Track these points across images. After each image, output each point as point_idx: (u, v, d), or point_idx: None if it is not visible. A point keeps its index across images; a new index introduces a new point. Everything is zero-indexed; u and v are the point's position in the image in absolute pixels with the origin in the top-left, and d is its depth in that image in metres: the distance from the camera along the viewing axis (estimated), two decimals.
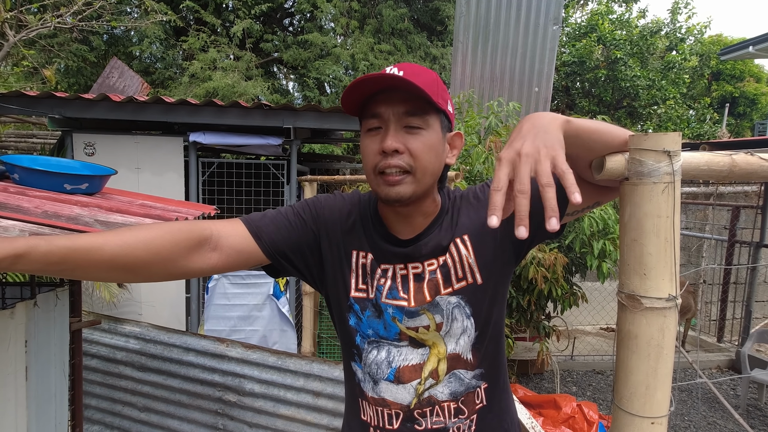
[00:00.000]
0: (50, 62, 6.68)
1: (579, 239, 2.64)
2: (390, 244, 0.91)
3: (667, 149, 0.79)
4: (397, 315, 0.91)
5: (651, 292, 0.83)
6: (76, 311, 1.67)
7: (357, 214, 0.95)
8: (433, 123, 0.84)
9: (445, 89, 0.88)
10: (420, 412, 0.92)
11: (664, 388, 0.86)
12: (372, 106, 0.83)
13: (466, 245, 0.91)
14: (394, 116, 0.82)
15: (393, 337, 0.92)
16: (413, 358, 0.91)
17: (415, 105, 0.82)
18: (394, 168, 0.81)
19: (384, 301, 0.91)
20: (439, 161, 0.86)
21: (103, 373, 2.83)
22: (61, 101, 3.21)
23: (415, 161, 0.82)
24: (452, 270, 0.91)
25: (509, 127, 3.12)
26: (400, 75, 0.78)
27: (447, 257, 0.91)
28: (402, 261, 0.91)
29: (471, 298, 0.91)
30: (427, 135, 0.83)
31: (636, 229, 0.83)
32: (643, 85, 10.40)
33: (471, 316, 0.92)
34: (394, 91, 0.81)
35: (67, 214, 1.20)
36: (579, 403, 2.80)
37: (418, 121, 0.82)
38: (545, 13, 4.11)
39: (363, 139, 0.86)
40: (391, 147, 0.80)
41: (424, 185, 0.85)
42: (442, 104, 0.84)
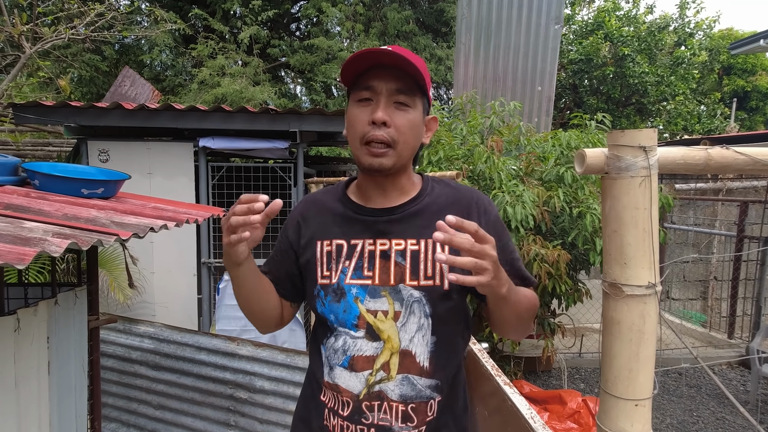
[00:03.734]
0: (64, 72, 6.86)
1: (582, 236, 2.67)
2: (361, 214, 0.96)
3: (643, 144, 0.83)
4: (360, 294, 0.93)
5: (631, 280, 0.87)
6: (93, 310, 1.75)
7: (319, 205, 1.02)
8: (418, 104, 0.92)
9: (429, 76, 0.95)
10: (368, 405, 0.94)
11: (646, 371, 0.90)
12: (366, 78, 0.89)
13: (444, 250, 0.93)
14: (387, 91, 0.88)
15: (350, 324, 0.94)
16: (367, 350, 0.94)
17: (407, 84, 0.89)
18: (380, 141, 0.88)
19: (348, 282, 0.94)
20: (418, 139, 0.94)
21: (119, 372, 2.92)
22: (75, 110, 3.32)
23: (399, 136, 0.89)
24: (422, 263, 0.93)
25: (510, 126, 3.16)
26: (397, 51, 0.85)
27: (419, 246, 0.94)
28: (371, 236, 0.94)
29: (434, 299, 0.93)
30: (413, 113, 0.91)
31: (616, 220, 0.87)
32: (651, 81, 10.32)
33: (430, 316, 0.93)
34: (388, 69, 0.88)
35: (85, 216, 1.28)
36: (584, 398, 2.82)
37: (407, 99, 0.89)
38: (546, 13, 4.14)
39: (352, 109, 0.92)
40: (381, 118, 0.87)
41: (403, 159, 0.93)
42: (427, 88, 0.92)
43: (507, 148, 3.09)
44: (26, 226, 1.00)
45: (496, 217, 1.00)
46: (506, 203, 2.55)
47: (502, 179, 2.68)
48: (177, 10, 7.92)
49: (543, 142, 3.08)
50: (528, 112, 4.25)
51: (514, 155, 3.07)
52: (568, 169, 2.72)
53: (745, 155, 0.88)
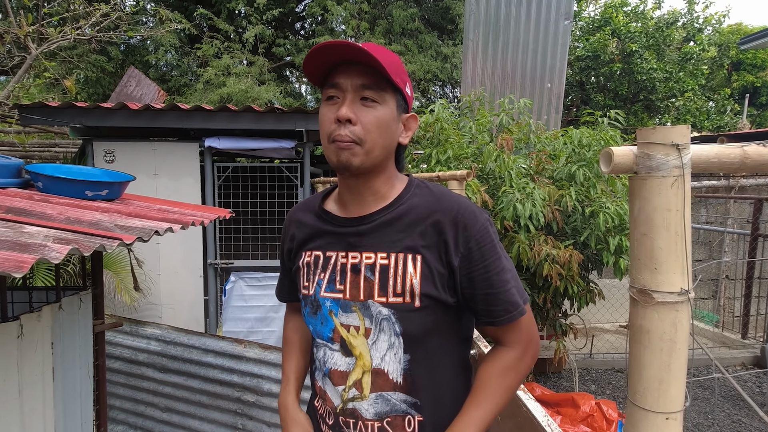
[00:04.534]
0: (70, 73, 6.87)
1: (594, 235, 2.61)
2: (334, 225, 0.93)
3: (676, 142, 0.78)
4: (334, 308, 0.92)
5: (662, 286, 0.82)
6: (99, 314, 1.72)
7: (299, 223, 1.00)
8: (389, 100, 0.86)
9: (406, 73, 0.91)
10: (344, 420, 0.93)
11: (678, 382, 0.85)
12: (332, 76, 0.86)
13: (415, 265, 0.86)
14: (352, 87, 0.84)
15: (327, 337, 0.94)
16: (341, 365, 0.93)
17: (372, 79, 0.84)
18: (344, 137, 0.84)
19: (322, 295, 0.92)
20: (390, 138, 0.88)
21: (126, 374, 2.90)
22: (81, 111, 3.30)
23: (365, 133, 0.84)
24: (392, 279, 0.87)
25: (520, 124, 3.11)
26: (360, 45, 0.81)
27: (389, 261, 0.87)
28: (344, 248, 0.92)
29: (403, 317, 0.86)
30: (381, 110, 0.85)
31: (646, 223, 0.82)
32: (660, 77, 10.19)
33: (400, 334, 0.87)
34: (355, 64, 0.84)
35: (88, 219, 1.24)
36: (598, 402, 2.77)
37: (374, 94, 0.84)
38: (556, 8, 4.07)
39: (321, 108, 0.89)
40: (345, 116, 0.83)
41: (373, 158, 0.86)
42: (399, 83, 0.86)
43: (517, 146, 3.03)
44: (27, 231, 0.97)
45: (482, 234, 0.86)
46: (516, 200, 2.50)
47: (512, 178, 2.62)
48: (182, 10, 7.90)
49: (553, 140, 3.02)
50: (537, 109, 4.18)
51: (524, 153, 3.01)
52: (580, 167, 2.66)
53: None
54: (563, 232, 2.78)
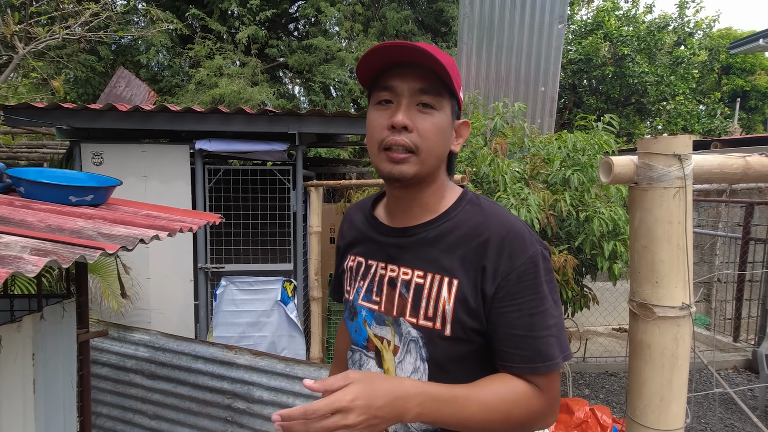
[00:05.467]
0: (59, 73, 6.76)
1: (589, 240, 2.60)
2: (378, 233, 0.90)
3: (678, 153, 0.76)
4: (368, 318, 0.89)
5: (664, 300, 0.80)
6: (83, 322, 1.67)
7: (351, 223, 0.98)
8: (446, 106, 0.81)
9: (460, 77, 0.85)
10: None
11: (679, 399, 0.83)
12: (385, 78, 0.80)
13: (450, 290, 0.79)
14: (409, 91, 0.78)
15: (362, 345, 0.92)
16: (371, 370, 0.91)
17: (432, 83, 0.78)
18: (400, 146, 0.78)
19: (360, 303, 0.91)
20: (445, 145, 0.83)
21: (113, 381, 2.84)
22: (68, 112, 3.23)
23: (422, 141, 0.78)
24: (425, 300, 0.81)
25: (515, 127, 3.09)
26: (421, 46, 0.75)
27: (425, 281, 0.82)
28: (384, 259, 0.88)
29: (431, 343, 0.81)
30: (438, 116, 0.80)
31: (647, 235, 0.80)
32: (651, 81, 10.27)
33: (426, 360, 0.82)
34: (411, 67, 0.78)
35: (70, 227, 1.20)
36: (592, 407, 2.75)
37: (432, 100, 0.79)
38: (550, 12, 4.07)
39: (371, 112, 0.83)
40: (402, 122, 0.77)
41: (427, 167, 0.81)
42: (456, 88, 0.81)
43: (511, 150, 3.01)
44: (2, 241, 0.92)
45: (527, 267, 0.76)
46: (511, 205, 2.48)
47: (507, 182, 2.60)
48: (174, 10, 7.83)
49: (548, 144, 3.01)
50: (531, 113, 4.18)
51: (519, 157, 3.00)
52: (575, 171, 2.65)
53: None
54: (558, 236, 2.76)
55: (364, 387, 0.66)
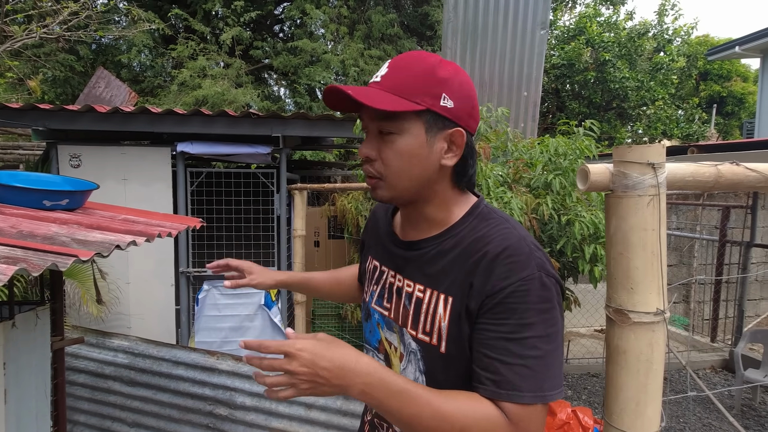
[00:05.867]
0: (36, 72, 6.59)
1: (570, 244, 2.63)
2: (391, 243, 0.92)
3: (652, 161, 0.77)
4: (381, 322, 0.92)
5: (639, 306, 0.81)
6: (58, 330, 1.63)
7: (377, 225, 1.00)
8: (410, 126, 0.77)
9: (442, 81, 0.77)
10: (378, 422, 0.94)
11: (654, 403, 0.84)
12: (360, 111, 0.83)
13: (446, 307, 0.78)
14: (370, 121, 0.80)
15: (374, 346, 0.94)
16: None
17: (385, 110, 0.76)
18: (368, 174, 0.82)
19: (373, 306, 0.93)
20: (420, 166, 0.79)
21: (91, 388, 2.78)
22: (45, 113, 3.16)
23: (386, 168, 0.79)
24: (423, 315, 0.81)
25: (498, 132, 3.12)
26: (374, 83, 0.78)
27: (424, 296, 0.81)
28: (393, 268, 0.89)
29: (428, 357, 0.81)
30: (400, 141, 0.77)
31: (622, 242, 0.81)
32: (632, 86, 10.48)
33: (424, 373, 0.82)
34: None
35: (43, 233, 1.17)
36: (574, 409, 2.78)
37: (391, 126, 0.77)
38: (533, 18, 4.13)
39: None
40: (362, 155, 0.81)
41: (401, 190, 0.81)
42: (424, 102, 0.76)
43: (494, 154, 3.04)
44: None
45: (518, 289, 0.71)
46: None
47: (490, 186, 2.62)
48: (156, 10, 7.72)
49: (530, 149, 3.04)
50: (514, 117, 4.23)
51: (502, 161, 3.03)
52: (557, 176, 2.68)
53: (757, 172, 0.82)
54: (540, 240, 2.79)
55: (319, 345, 0.66)
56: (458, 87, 0.78)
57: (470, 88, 0.81)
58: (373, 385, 0.67)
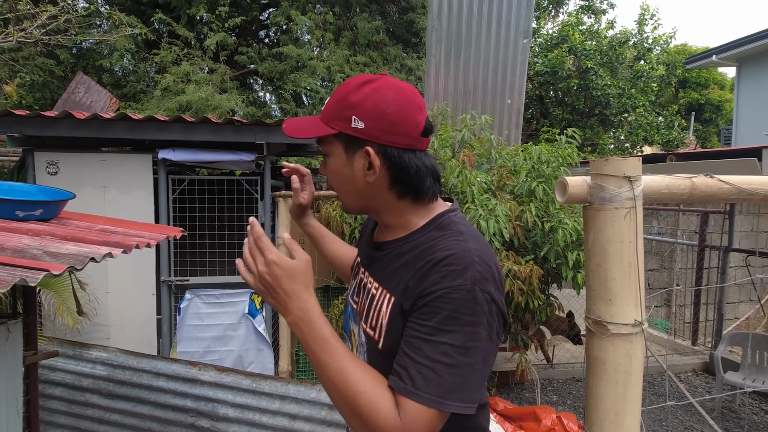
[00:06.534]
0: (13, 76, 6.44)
1: (554, 251, 2.66)
2: (367, 242, 0.99)
3: (628, 174, 0.78)
4: (352, 314, 0.98)
5: (617, 317, 0.82)
6: (31, 344, 1.58)
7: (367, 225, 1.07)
8: (333, 149, 0.87)
9: (352, 105, 0.82)
10: None
11: (633, 414, 0.85)
12: None
13: (388, 305, 0.82)
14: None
15: (346, 334, 1.01)
16: None
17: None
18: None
19: (348, 299, 1.01)
20: (351, 183, 0.87)
21: (68, 401, 2.70)
22: (20, 119, 3.08)
23: (332, 186, 0.92)
24: (372, 311, 0.86)
25: (482, 139, 3.14)
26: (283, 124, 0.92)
27: (376, 293, 0.87)
28: (365, 265, 0.96)
29: (370, 351, 0.86)
30: (331, 162, 0.89)
31: (599, 254, 0.82)
32: (613, 93, 10.68)
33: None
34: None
35: (13, 245, 1.13)
36: (558, 415, 2.80)
37: (324, 149, 0.89)
38: (515, 27, 4.18)
39: None
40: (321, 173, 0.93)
41: (349, 204, 0.92)
42: (337, 126, 0.84)
43: (478, 162, 3.06)
44: None
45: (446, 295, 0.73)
46: (480, 217, 2.51)
47: (475, 193, 2.64)
48: (139, 14, 7.62)
49: (514, 156, 3.07)
50: (498, 124, 4.27)
51: (486, 169, 3.05)
52: (540, 183, 2.71)
53: (730, 184, 0.84)
54: (524, 247, 2.81)
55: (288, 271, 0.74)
56: (371, 108, 0.81)
57: (386, 106, 0.81)
58: (304, 322, 0.74)
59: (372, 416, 0.71)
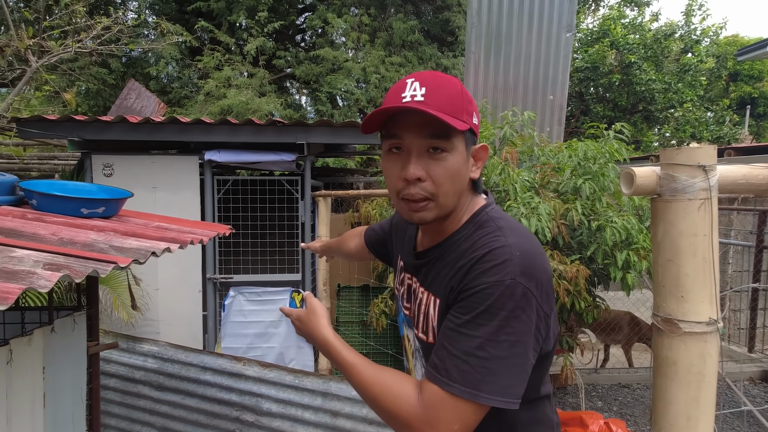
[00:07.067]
0: (71, 85, 6.85)
1: (601, 250, 2.57)
2: (410, 255, 0.97)
3: (702, 163, 0.74)
4: (406, 319, 0.98)
5: (689, 315, 0.78)
6: (93, 335, 1.66)
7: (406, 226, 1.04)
8: (458, 144, 0.79)
9: (470, 100, 0.81)
10: None
11: (707, 418, 0.80)
12: (391, 126, 0.80)
13: (435, 308, 0.84)
14: (417, 139, 0.78)
15: (401, 339, 1.05)
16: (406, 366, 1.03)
17: (439, 127, 0.76)
18: (416, 196, 0.80)
19: (401, 304, 1.01)
20: (462, 182, 0.82)
21: (121, 392, 2.83)
22: (79, 124, 3.27)
23: (437, 188, 0.79)
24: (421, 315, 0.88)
25: (524, 136, 3.08)
26: (418, 103, 0.75)
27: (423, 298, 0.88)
28: (411, 270, 0.96)
29: (426, 354, 0.87)
30: (451, 159, 0.78)
31: (671, 248, 0.78)
32: (658, 88, 10.23)
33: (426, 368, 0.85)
34: (414, 113, 0.76)
35: (82, 240, 1.19)
36: (607, 421, 2.69)
37: (442, 143, 0.77)
38: (558, 21, 4.07)
39: (384, 160, 0.84)
40: (413, 176, 0.78)
41: (447, 209, 0.82)
42: (466, 121, 0.78)
43: (521, 159, 3.00)
44: (15, 255, 0.92)
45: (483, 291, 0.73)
46: (521, 215, 2.46)
47: (517, 191, 2.58)
48: (183, 23, 7.93)
49: (557, 153, 2.98)
50: (540, 121, 4.17)
51: (528, 166, 2.98)
52: (586, 180, 2.62)
53: None
54: (569, 246, 2.73)
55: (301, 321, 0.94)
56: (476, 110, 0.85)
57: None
58: (324, 352, 0.88)
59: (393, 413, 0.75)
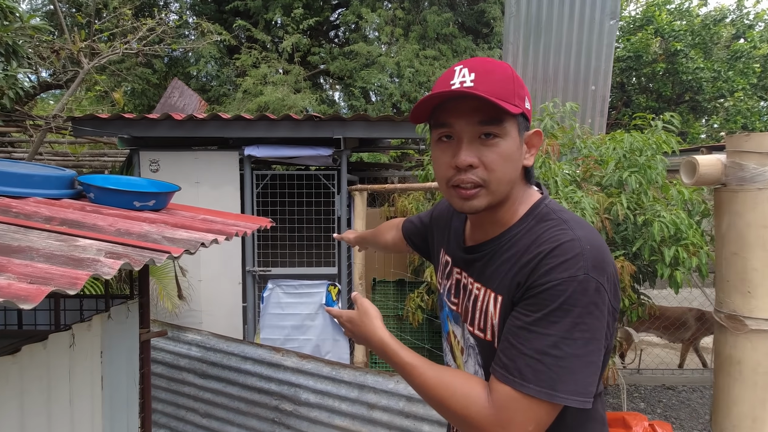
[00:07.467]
0: (118, 86, 7.19)
1: (648, 246, 2.46)
2: (458, 244, 0.94)
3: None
4: (450, 315, 0.96)
5: (757, 312, 0.73)
6: (144, 323, 1.74)
7: (450, 219, 1.01)
8: (511, 129, 0.77)
9: (522, 84, 0.79)
10: None
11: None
12: (441, 114, 0.78)
13: (496, 305, 0.80)
14: (468, 126, 0.76)
15: (444, 336, 1.01)
16: (451, 365, 0.98)
17: (490, 113, 0.75)
18: (468, 183, 0.78)
19: (445, 299, 0.98)
20: (515, 169, 0.80)
21: (167, 379, 2.96)
22: (128, 122, 3.42)
23: (490, 174, 0.77)
24: (478, 312, 0.84)
25: (565, 128, 2.99)
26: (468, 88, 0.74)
27: (480, 294, 0.84)
28: (460, 265, 0.93)
29: (484, 352, 0.84)
30: (504, 144, 0.77)
31: (737, 241, 0.74)
32: (707, 77, 9.69)
33: (482, 366, 0.85)
34: (465, 99, 0.76)
35: (137, 231, 1.25)
36: (651, 423, 2.60)
37: (495, 129, 0.76)
38: (601, 8, 3.92)
39: (434, 149, 0.83)
40: (465, 162, 0.76)
41: (499, 196, 0.80)
42: (519, 105, 0.76)
43: (561, 152, 2.91)
44: (80, 244, 0.97)
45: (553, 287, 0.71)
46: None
47: (558, 185, 2.51)
48: (222, 22, 8.15)
49: (600, 145, 2.88)
50: (581, 113, 4.03)
51: (570, 159, 2.90)
52: (632, 173, 2.52)
53: None
54: (613, 242, 2.64)
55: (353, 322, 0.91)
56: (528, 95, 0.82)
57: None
58: (381, 354, 0.85)
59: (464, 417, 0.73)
